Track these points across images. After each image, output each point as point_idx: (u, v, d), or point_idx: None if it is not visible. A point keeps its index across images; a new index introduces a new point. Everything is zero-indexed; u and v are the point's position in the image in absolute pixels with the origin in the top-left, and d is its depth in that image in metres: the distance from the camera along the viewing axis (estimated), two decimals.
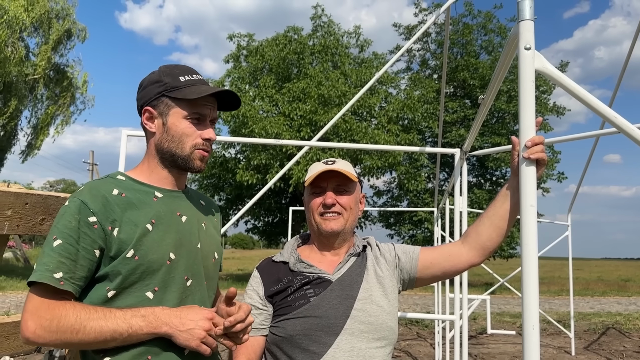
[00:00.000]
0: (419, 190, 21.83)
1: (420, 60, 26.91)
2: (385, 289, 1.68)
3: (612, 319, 12.27)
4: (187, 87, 1.38)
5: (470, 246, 1.70)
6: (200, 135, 1.40)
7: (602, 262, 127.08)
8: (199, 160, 1.40)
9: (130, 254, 1.25)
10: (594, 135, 3.74)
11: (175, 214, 1.38)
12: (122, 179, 1.36)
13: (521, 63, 1.45)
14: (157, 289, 1.29)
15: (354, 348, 1.56)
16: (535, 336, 1.37)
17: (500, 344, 9.04)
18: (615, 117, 1.44)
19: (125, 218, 1.27)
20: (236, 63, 22.68)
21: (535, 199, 1.41)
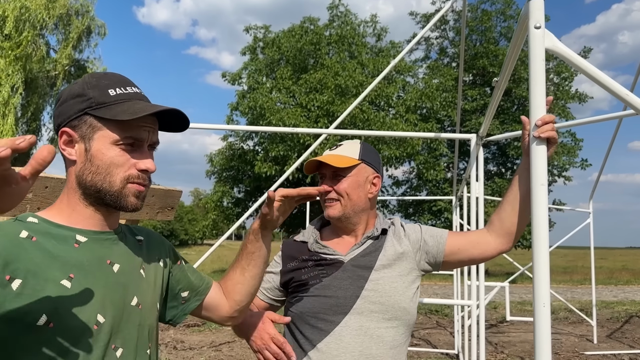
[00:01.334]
0: (438, 179, 21.70)
1: (438, 48, 26.66)
2: (402, 269, 1.68)
3: (636, 308, 12.09)
4: (118, 104, 1.08)
5: (497, 233, 1.70)
6: (134, 165, 1.10)
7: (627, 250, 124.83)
8: (133, 196, 1.10)
9: (42, 320, 0.96)
10: (611, 118, 3.67)
11: (104, 262, 1.09)
12: (35, 222, 1.05)
13: (531, 42, 1.44)
14: None
15: (362, 327, 1.58)
16: (546, 315, 1.37)
17: (521, 332, 8.99)
18: (627, 94, 1.43)
19: (33, 269, 0.97)
20: (253, 55, 22.74)
21: (545, 177, 1.41)
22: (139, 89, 1.15)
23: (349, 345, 1.56)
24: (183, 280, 1.34)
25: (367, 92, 4.55)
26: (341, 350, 1.56)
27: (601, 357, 6.96)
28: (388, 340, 1.59)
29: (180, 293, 1.34)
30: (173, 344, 7.43)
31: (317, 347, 1.58)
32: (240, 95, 21.52)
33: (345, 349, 1.56)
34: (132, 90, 1.13)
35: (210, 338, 8.04)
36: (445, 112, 21.70)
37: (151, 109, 1.07)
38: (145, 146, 1.13)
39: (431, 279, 19.52)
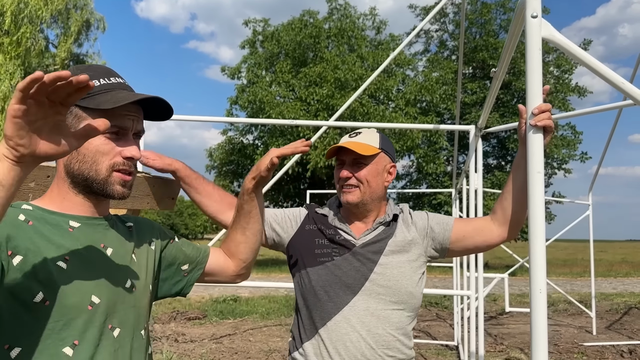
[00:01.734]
0: (437, 173, 21.73)
1: (438, 41, 26.60)
2: (410, 255, 1.74)
3: (635, 299, 12.14)
4: (101, 94, 1.10)
5: (499, 222, 1.74)
6: (120, 153, 1.11)
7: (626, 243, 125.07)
8: (119, 185, 1.12)
9: (39, 297, 0.99)
10: (610, 108, 3.68)
11: (98, 246, 1.13)
12: (29, 209, 1.09)
13: (528, 31, 1.45)
14: (77, 342, 1.04)
15: (368, 308, 1.65)
16: (542, 300, 1.39)
17: (521, 324, 9.03)
18: (623, 83, 1.44)
19: (32, 248, 1.01)
20: (252, 49, 22.72)
21: (542, 165, 1.43)
22: (122, 79, 1.18)
23: (357, 325, 1.64)
24: (180, 255, 1.38)
25: (367, 84, 4.56)
26: (349, 329, 1.64)
27: (600, 348, 7.00)
28: (394, 321, 1.67)
29: (180, 267, 1.38)
30: (174, 336, 7.47)
31: (327, 325, 1.66)
32: (240, 89, 21.50)
33: (353, 328, 1.64)
34: (116, 81, 1.15)
35: (211, 331, 8.09)
36: (444, 105, 21.68)
37: (133, 97, 1.09)
38: (130, 134, 1.15)
39: (431, 272, 19.57)
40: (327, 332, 1.65)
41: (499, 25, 25.54)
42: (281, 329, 8.31)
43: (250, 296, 12.17)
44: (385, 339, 1.64)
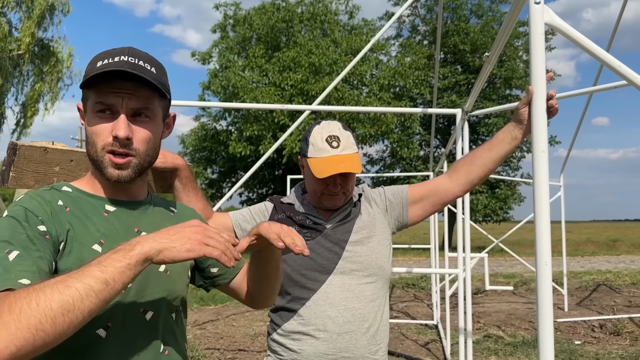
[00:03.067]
0: (411, 157, 21.98)
1: (410, 26, 26.73)
2: (377, 230, 1.83)
3: (602, 277, 12.62)
4: (96, 72, 1.05)
5: (459, 182, 1.84)
6: (111, 133, 1.07)
7: (591, 224, 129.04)
8: (110, 167, 1.08)
9: None
10: (583, 93, 3.85)
11: (131, 230, 1.12)
12: (69, 190, 1.10)
13: (531, 17, 1.52)
14: (110, 324, 1.04)
15: (344, 284, 1.73)
16: (548, 272, 1.48)
17: (495, 302, 9.31)
18: (620, 66, 1.52)
19: (71, 234, 1.03)
20: (223, 33, 22.42)
21: (546, 144, 1.52)
22: (131, 58, 1.08)
23: (334, 300, 1.72)
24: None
25: (347, 69, 4.58)
26: (327, 305, 1.71)
27: (572, 323, 7.29)
28: (368, 294, 1.75)
29: (210, 269, 1.34)
30: None
31: (306, 305, 1.73)
32: (212, 74, 21.23)
33: (331, 304, 1.71)
34: (120, 59, 1.06)
35: (193, 317, 8.10)
36: (418, 90, 21.88)
37: (96, 70, 1.04)
38: (121, 113, 1.07)
39: (405, 255, 19.90)
40: (307, 311, 1.72)
41: (469, 10, 25.82)
42: (264, 313, 8.38)
43: None
44: (362, 311, 1.72)
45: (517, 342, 6.24)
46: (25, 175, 1.23)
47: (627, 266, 15.67)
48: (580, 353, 5.63)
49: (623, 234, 43.30)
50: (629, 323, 7.14)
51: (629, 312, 8.04)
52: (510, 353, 5.80)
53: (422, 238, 30.70)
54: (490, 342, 6.35)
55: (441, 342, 6.32)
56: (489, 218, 24.66)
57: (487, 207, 23.37)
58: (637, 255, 20.38)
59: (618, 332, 6.62)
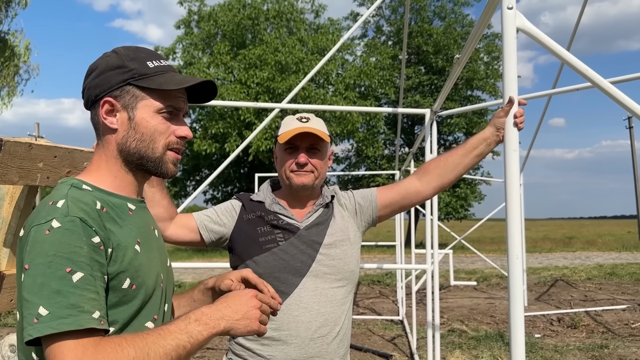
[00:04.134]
0: (376, 156, 22.21)
1: (375, 26, 26.98)
2: (348, 234, 1.83)
3: (559, 272, 13.07)
4: (157, 76, 1.14)
5: (430, 185, 1.87)
6: (174, 133, 1.15)
7: (547, 221, 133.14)
8: (171, 164, 1.17)
9: (126, 284, 1.05)
10: (543, 95, 4.05)
11: (150, 228, 1.19)
12: (89, 189, 1.09)
13: (504, 21, 1.59)
14: (156, 317, 1.13)
15: (317, 288, 1.72)
16: (519, 266, 1.55)
17: (458, 298, 9.53)
18: (587, 70, 1.61)
19: (115, 238, 1.05)
20: (187, 29, 22.13)
21: (517, 144, 1.60)
22: (169, 62, 1.22)
23: (308, 305, 1.70)
24: None
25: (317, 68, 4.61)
26: (301, 310, 1.69)
27: (532, 317, 7.54)
28: (339, 298, 1.75)
29: None
30: None
31: None
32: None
33: (305, 308, 1.70)
34: (166, 63, 1.19)
35: None
36: (382, 89, 22.12)
37: (193, 81, 1.14)
38: (181, 115, 1.19)
39: (371, 252, 20.11)
40: (279, 316, 1.68)
41: (432, 12, 26.25)
42: None
43: (194, 281, 12.07)
44: (333, 315, 1.72)
45: (480, 336, 6.42)
46: (10, 171, 1.22)
47: (582, 262, 16.27)
48: (541, 346, 5.83)
49: (578, 231, 44.87)
50: (585, 316, 7.44)
51: (585, 306, 8.37)
52: (474, 347, 5.96)
53: (385, 235, 31.06)
54: (454, 336, 6.51)
55: (407, 336, 6.45)
56: (450, 216, 25.16)
57: (449, 205, 23.83)
58: (592, 252, 21.18)
59: (575, 325, 6.89)
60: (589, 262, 16.38)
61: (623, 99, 1.60)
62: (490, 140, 1.81)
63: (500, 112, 1.71)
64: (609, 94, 1.61)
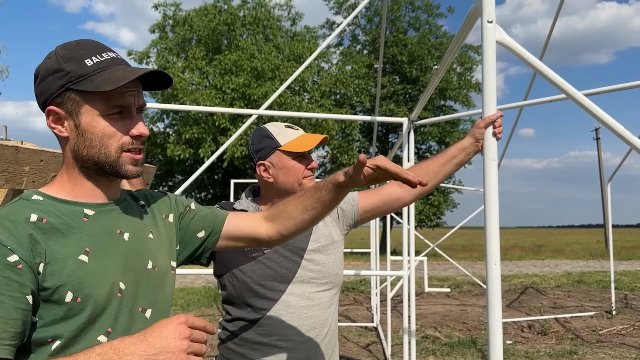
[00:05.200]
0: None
1: (350, 35, 27.20)
2: (332, 238, 1.87)
3: (529, 280, 13.33)
4: (97, 74, 1.05)
5: (410, 192, 1.91)
6: (127, 133, 1.09)
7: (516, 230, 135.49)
8: (130, 165, 1.10)
9: (69, 297, 0.99)
10: (515, 107, 4.16)
11: (114, 232, 1.11)
12: (40, 199, 1.05)
13: (484, 35, 1.64)
14: (110, 330, 1.05)
15: (304, 292, 1.76)
16: (497, 272, 1.60)
17: (431, 305, 9.63)
18: (562, 82, 1.67)
19: (51, 251, 0.99)
20: (162, 33, 21.94)
21: (496, 153, 1.65)
22: (115, 53, 1.12)
23: (296, 309, 1.73)
24: (195, 223, 1.35)
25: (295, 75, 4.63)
26: (289, 314, 1.72)
27: (503, 324, 7.62)
28: (325, 301, 1.79)
29: (196, 234, 1.35)
30: None
31: (266, 315, 1.72)
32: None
33: (293, 313, 1.73)
34: (109, 56, 1.09)
35: None
36: (358, 98, 22.29)
37: (132, 75, 1.04)
38: (134, 111, 1.11)
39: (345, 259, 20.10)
40: (268, 321, 1.71)
41: (407, 22, 26.62)
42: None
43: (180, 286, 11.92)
44: (321, 318, 1.76)
45: (453, 342, 6.50)
46: None
47: (551, 270, 16.63)
48: (512, 352, 5.94)
49: (547, 239, 45.83)
50: (554, 323, 7.61)
51: (554, 313, 8.56)
52: (447, 353, 6.03)
53: (359, 243, 31.19)
54: (428, 342, 6.58)
55: (381, 343, 6.48)
56: (423, 223, 25.42)
57: (422, 212, 24.08)
58: (560, 260, 21.66)
59: (545, 332, 7.04)
60: (557, 270, 16.75)
61: (596, 111, 1.67)
62: (470, 150, 1.86)
63: (480, 123, 1.75)
64: (583, 106, 1.67)
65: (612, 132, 1.67)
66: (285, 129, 1.86)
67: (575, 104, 1.71)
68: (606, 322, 7.78)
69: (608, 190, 8.67)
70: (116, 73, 1.05)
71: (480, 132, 1.76)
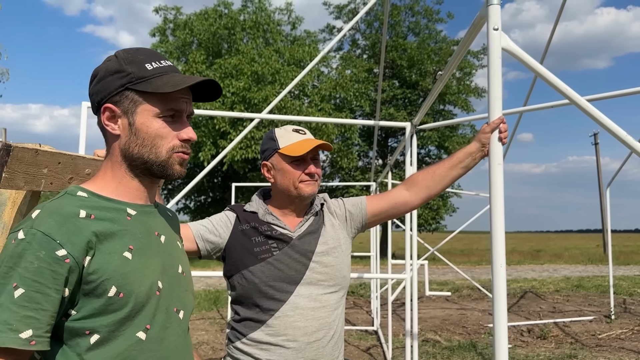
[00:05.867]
0: (350, 167, 22.37)
1: (350, 40, 27.30)
2: (339, 241, 1.90)
3: (528, 284, 13.35)
4: (157, 77, 1.12)
5: (417, 196, 1.96)
6: (177, 136, 1.14)
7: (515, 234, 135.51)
8: (178, 165, 1.15)
9: (112, 292, 1.03)
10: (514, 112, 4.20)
11: (153, 233, 1.16)
12: (85, 196, 1.09)
13: (490, 42, 1.68)
14: (149, 326, 1.08)
15: (312, 294, 1.78)
16: (502, 274, 1.63)
17: (430, 309, 9.64)
18: (567, 89, 1.71)
19: (99, 247, 1.03)
20: (163, 37, 22.00)
21: (502, 158, 1.68)
22: (170, 62, 1.19)
23: (304, 310, 1.76)
24: None
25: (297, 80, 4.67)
26: (297, 315, 1.75)
27: None
28: (333, 303, 1.82)
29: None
30: None
31: (275, 316, 1.75)
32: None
33: (301, 314, 1.75)
34: (166, 64, 1.16)
35: None
36: (357, 102, 22.35)
37: (190, 81, 1.11)
38: (185, 116, 1.17)
39: None
40: (276, 322, 1.74)
41: (407, 27, 26.72)
42: (205, 322, 8.28)
43: None
44: (328, 320, 1.79)
45: (454, 346, 6.52)
46: (17, 176, 1.23)
47: (550, 275, 16.65)
48: (512, 356, 5.96)
49: (545, 244, 45.88)
50: (554, 327, 7.63)
51: (553, 317, 8.58)
52: (448, 357, 6.05)
53: (358, 247, 31.19)
54: (428, 346, 6.59)
55: (382, 347, 6.50)
56: (422, 227, 25.46)
57: (421, 217, 24.11)
58: (559, 265, 21.69)
59: (544, 336, 7.06)
60: (556, 274, 16.77)
61: (599, 116, 1.70)
62: (476, 154, 1.90)
63: (486, 128, 1.78)
64: (585, 112, 1.71)
65: (614, 137, 1.70)
66: (291, 132, 1.89)
67: (576, 109, 1.74)
68: (605, 326, 7.81)
69: (607, 195, 8.69)
70: (175, 78, 1.12)
71: (487, 137, 1.80)
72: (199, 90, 1.22)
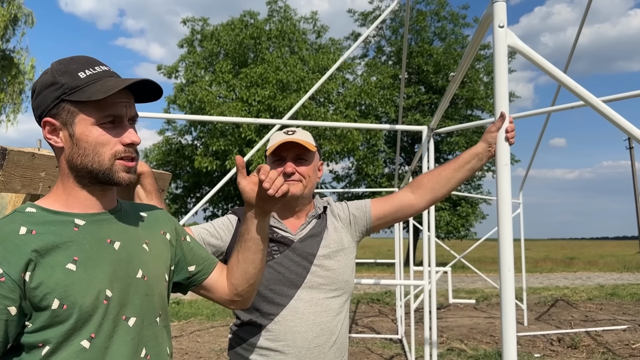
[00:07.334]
0: (376, 174, 22.26)
1: (375, 46, 27.27)
2: (343, 244, 1.86)
3: (560, 292, 13.00)
4: (90, 85, 1.11)
5: (423, 199, 1.91)
6: (120, 142, 1.14)
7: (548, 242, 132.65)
8: (123, 172, 1.15)
9: (55, 304, 1.04)
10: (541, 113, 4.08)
11: (104, 242, 1.15)
12: (33, 211, 1.11)
13: (496, 40, 1.64)
14: (94, 335, 1.09)
15: (312, 298, 1.75)
16: (510, 278, 1.58)
17: (458, 317, 9.47)
18: (576, 86, 1.65)
19: (40, 261, 1.05)
20: (190, 48, 22.36)
21: (509, 159, 1.64)
22: (107, 67, 1.18)
23: (304, 315, 1.72)
24: (189, 255, 1.38)
25: (317, 86, 4.68)
26: (297, 320, 1.72)
27: (532, 337, 7.49)
28: (334, 308, 1.78)
29: (187, 267, 1.37)
30: None
31: (275, 321, 1.72)
32: (179, 88, 21.11)
33: (301, 319, 1.72)
34: (101, 69, 1.15)
35: None
36: (383, 108, 22.27)
37: (122, 84, 1.10)
38: (126, 121, 1.16)
39: (370, 270, 20.03)
40: (276, 327, 1.71)
41: (433, 33, 26.54)
42: (228, 329, 8.31)
43: (193, 299, 12.01)
44: (329, 325, 1.75)
45: (480, 355, 6.38)
46: (13, 179, 1.25)
47: (583, 282, 16.19)
48: None
49: (579, 251, 44.72)
50: (585, 337, 7.40)
51: (585, 326, 8.32)
52: None
53: (385, 254, 30.97)
54: (453, 355, 6.47)
55: (405, 356, 6.41)
56: (452, 235, 25.11)
57: (450, 224, 23.80)
58: (592, 272, 21.09)
59: (575, 345, 6.85)
60: (589, 282, 16.30)
61: (613, 116, 1.64)
62: (482, 155, 1.85)
63: (492, 128, 1.74)
64: (599, 111, 1.65)
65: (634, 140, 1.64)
66: (278, 133, 1.86)
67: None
68: (639, 335, 7.54)
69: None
70: (108, 83, 1.11)
71: (493, 137, 1.75)
72: (142, 91, 1.21)
